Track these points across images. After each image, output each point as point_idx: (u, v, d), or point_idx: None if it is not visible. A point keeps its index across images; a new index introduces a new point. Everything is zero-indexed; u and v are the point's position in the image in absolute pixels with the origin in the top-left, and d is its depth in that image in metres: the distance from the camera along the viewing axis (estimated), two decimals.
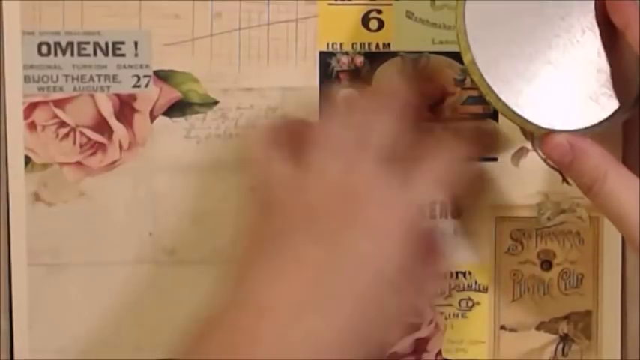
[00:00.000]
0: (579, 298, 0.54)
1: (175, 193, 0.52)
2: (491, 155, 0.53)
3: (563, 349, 0.54)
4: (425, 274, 0.45)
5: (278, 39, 0.52)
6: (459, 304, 0.54)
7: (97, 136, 0.52)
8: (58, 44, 0.51)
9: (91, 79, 0.52)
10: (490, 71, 0.47)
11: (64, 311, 0.53)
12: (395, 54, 0.52)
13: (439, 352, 0.54)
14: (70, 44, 0.51)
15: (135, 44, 0.52)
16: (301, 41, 0.52)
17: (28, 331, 0.52)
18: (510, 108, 0.46)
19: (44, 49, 0.51)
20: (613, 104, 0.47)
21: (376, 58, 0.52)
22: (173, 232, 0.52)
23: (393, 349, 0.54)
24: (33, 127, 0.52)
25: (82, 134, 0.52)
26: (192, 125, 0.52)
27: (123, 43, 0.52)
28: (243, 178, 0.49)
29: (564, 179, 0.53)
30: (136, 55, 0.52)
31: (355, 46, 0.52)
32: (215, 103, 0.52)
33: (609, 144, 0.50)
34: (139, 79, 0.52)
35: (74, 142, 0.52)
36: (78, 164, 0.52)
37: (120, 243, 0.52)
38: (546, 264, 0.54)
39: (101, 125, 0.52)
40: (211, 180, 0.52)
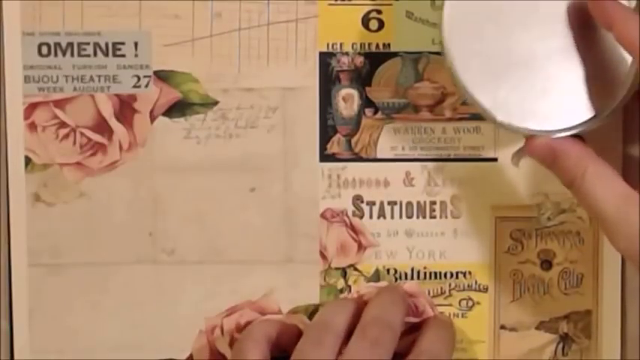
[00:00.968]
0: (579, 297, 0.54)
1: (175, 193, 0.52)
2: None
3: (563, 348, 0.54)
4: None
5: (278, 39, 0.52)
6: (459, 304, 0.54)
7: (97, 137, 0.52)
8: (58, 44, 0.51)
9: (91, 79, 0.52)
10: (469, 73, 0.47)
11: (64, 311, 0.53)
12: (395, 54, 0.52)
13: None
14: (70, 44, 0.51)
15: (135, 44, 0.52)
16: (301, 41, 0.52)
17: (28, 331, 0.52)
18: (490, 112, 0.47)
19: (44, 49, 0.51)
20: (596, 104, 0.47)
21: (376, 58, 0.52)
22: (173, 232, 0.52)
23: None
24: (33, 127, 0.52)
25: (82, 134, 0.52)
26: (192, 125, 0.52)
27: (123, 43, 0.52)
28: (243, 177, 0.50)
29: None
30: (136, 56, 0.52)
31: (355, 46, 0.52)
32: (215, 103, 0.52)
33: (608, 142, 0.50)
34: (139, 79, 0.52)
35: (74, 143, 0.52)
36: (78, 164, 0.52)
37: (120, 243, 0.52)
38: (546, 264, 0.54)
39: (101, 125, 0.52)
40: (211, 180, 0.52)
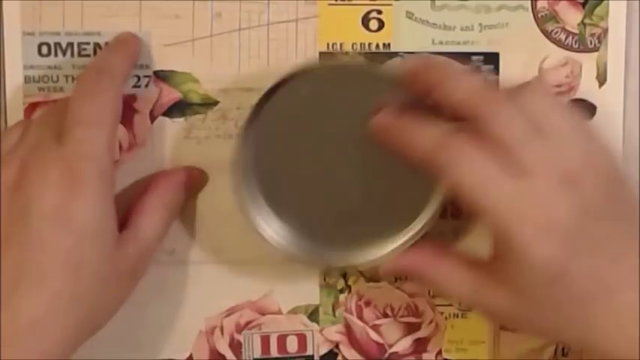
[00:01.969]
0: None
1: None
2: None
3: (563, 349, 0.54)
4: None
5: (278, 39, 0.52)
6: (459, 304, 0.54)
7: None
8: (58, 44, 0.51)
9: None
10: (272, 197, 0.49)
11: None
12: (395, 54, 0.52)
13: (439, 352, 0.54)
14: (70, 44, 0.51)
15: None
16: (301, 41, 0.52)
17: None
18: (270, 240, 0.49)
19: (44, 49, 0.51)
20: (398, 229, 0.49)
21: (376, 58, 0.52)
22: (173, 232, 0.52)
23: (393, 349, 0.54)
24: None
25: None
26: (193, 125, 0.52)
27: None
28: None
29: None
30: None
31: (355, 46, 0.52)
32: (215, 103, 0.52)
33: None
34: (139, 79, 0.52)
35: None
36: None
37: None
38: None
39: None
40: (211, 180, 0.52)
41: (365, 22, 0.52)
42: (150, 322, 0.53)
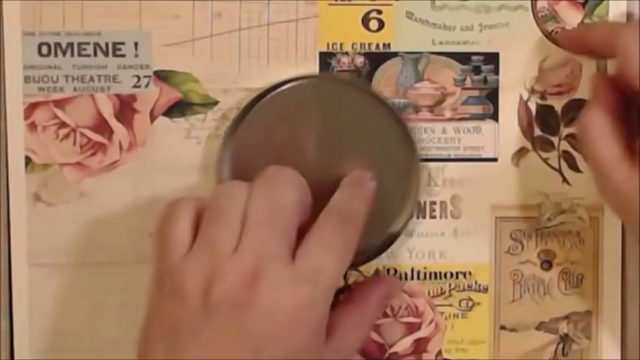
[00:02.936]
0: (579, 298, 0.54)
1: (175, 193, 0.52)
2: None
3: (563, 349, 0.54)
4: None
5: (278, 39, 0.52)
6: (459, 304, 0.54)
7: (97, 137, 0.52)
8: (58, 44, 0.51)
9: (91, 79, 0.52)
10: None
11: (64, 311, 0.53)
12: (395, 54, 0.52)
13: (439, 352, 0.54)
14: (70, 44, 0.51)
15: (135, 44, 0.52)
16: (301, 41, 0.52)
17: (28, 331, 0.52)
18: None
19: (44, 49, 0.51)
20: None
21: (376, 58, 0.52)
22: None
23: (393, 349, 0.54)
24: (33, 127, 0.52)
25: (82, 134, 0.52)
26: (193, 125, 0.52)
27: (123, 43, 0.52)
28: None
29: (564, 179, 0.53)
30: (136, 56, 0.52)
31: (355, 46, 0.52)
32: (215, 103, 0.52)
33: None
34: (139, 79, 0.52)
35: (74, 143, 0.52)
36: (78, 164, 0.52)
37: (120, 243, 0.52)
38: (546, 264, 0.54)
39: (101, 126, 0.52)
40: (211, 180, 0.52)
41: (365, 22, 0.52)
42: None
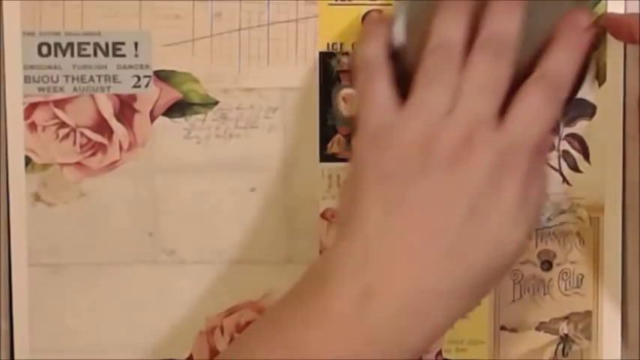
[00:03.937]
0: (579, 298, 0.54)
1: (175, 193, 0.52)
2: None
3: (563, 349, 0.54)
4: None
5: (278, 39, 0.52)
6: None
7: (97, 137, 0.52)
8: (58, 44, 0.51)
9: (91, 79, 0.52)
10: None
11: (64, 311, 0.53)
12: None
13: (439, 352, 0.54)
14: (70, 44, 0.51)
15: (135, 44, 0.52)
16: (301, 41, 0.52)
17: (28, 331, 0.52)
18: None
19: (44, 49, 0.51)
20: None
21: None
22: (173, 232, 0.52)
23: None
24: (33, 127, 0.52)
25: (82, 134, 0.52)
26: (193, 125, 0.52)
27: (123, 43, 0.52)
28: (243, 177, 0.49)
29: (564, 179, 0.53)
30: (136, 56, 0.52)
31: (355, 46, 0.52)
32: (215, 103, 0.52)
33: None
34: (139, 79, 0.52)
35: (74, 143, 0.52)
36: (78, 164, 0.52)
37: (120, 243, 0.52)
38: (546, 264, 0.54)
39: (101, 125, 0.52)
40: (211, 180, 0.52)
41: None
42: (150, 322, 0.53)
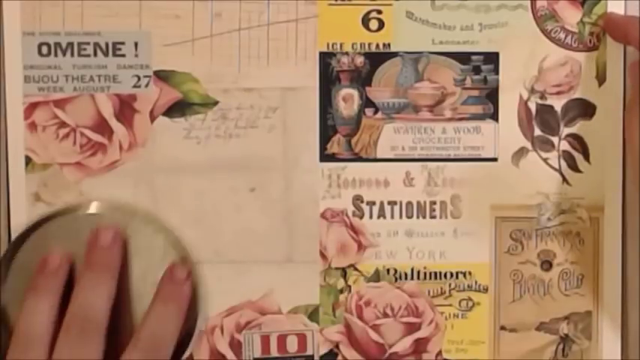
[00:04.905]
0: (579, 298, 0.54)
1: (175, 193, 0.52)
2: None
3: (563, 349, 0.54)
4: None
5: (278, 39, 0.52)
6: (459, 304, 0.54)
7: (97, 137, 0.52)
8: (58, 44, 0.51)
9: (91, 79, 0.52)
10: None
11: None
12: (395, 54, 0.52)
13: (439, 353, 0.54)
14: (70, 44, 0.51)
15: (135, 44, 0.52)
16: (301, 41, 0.52)
17: None
18: None
19: (44, 49, 0.51)
20: None
21: (376, 58, 0.52)
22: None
23: (393, 349, 0.54)
24: (33, 127, 0.52)
25: (82, 134, 0.52)
26: (192, 125, 0.52)
27: (123, 43, 0.52)
28: (243, 177, 0.49)
29: (564, 179, 0.53)
30: (136, 56, 0.52)
31: (355, 46, 0.52)
32: (215, 103, 0.52)
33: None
34: (139, 79, 0.52)
35: (74, 143, 0.52)
36: (78, 164, 0.52)
37: None
38: (546, 264, 0.54)
39: (101, 125, 0.52)
40: (211, 180, 0.52)
41: (365, 22, 0.52)
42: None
